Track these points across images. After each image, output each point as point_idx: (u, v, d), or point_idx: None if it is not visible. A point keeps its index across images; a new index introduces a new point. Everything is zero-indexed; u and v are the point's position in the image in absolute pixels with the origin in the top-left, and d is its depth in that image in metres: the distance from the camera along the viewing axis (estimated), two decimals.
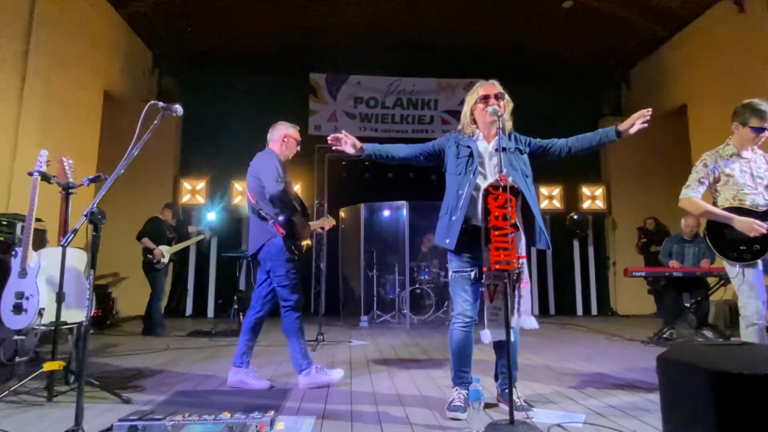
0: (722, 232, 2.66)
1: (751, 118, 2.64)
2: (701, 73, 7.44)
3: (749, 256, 2.56)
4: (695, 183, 2.77)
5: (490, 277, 2.20)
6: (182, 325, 6.28)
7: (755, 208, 2.62)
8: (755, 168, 2.69)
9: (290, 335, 2.94)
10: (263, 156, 3.15)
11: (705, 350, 1.09)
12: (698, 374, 0.93)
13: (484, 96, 2.44)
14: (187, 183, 7.91)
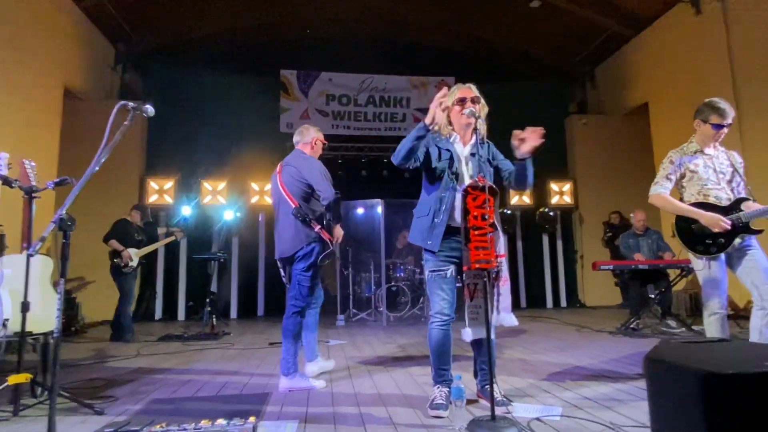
0: (690, 227, 2.78)
1: (712, 115, 2.75)
2: (662, 72, 7.73)
3: (715, 250, 2.69)
4: (663, 179, 2.87)
5: (471, 276, 2.23)
6: (152, 330, 6.11)
7: (719, 203, 2.74)
8: (718, 164, 2.81)
9: (288, 337, 2.95)
10: (306, 160, 3.15)
11: (690, 350, 1.14)
12: (687, 375, 0.97)
13: (461, 99, 2.48)
14: (154, 183, 7.66)
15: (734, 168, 2.82)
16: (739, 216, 2.65)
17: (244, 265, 7.97)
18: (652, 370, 1.11)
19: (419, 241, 2.47)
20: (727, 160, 2.84)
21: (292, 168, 3.10)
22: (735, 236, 2.67)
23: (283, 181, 3.10)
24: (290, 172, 3.09)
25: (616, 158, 8.85)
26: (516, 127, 8.02)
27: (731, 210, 2.70)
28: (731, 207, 2.73)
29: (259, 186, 7.98)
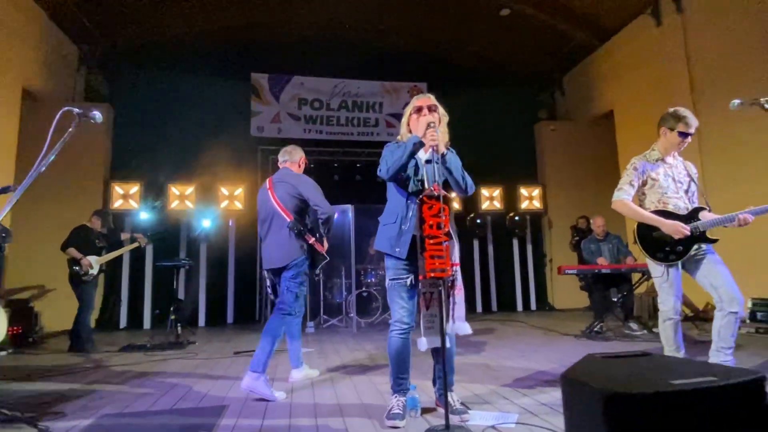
0: (651, 235, 2.84)
1: (679, 124, 2.84)
2: (625, 81, 7.97)
3: (674, 257, 2.78)
4: (627, 186, 2.92)
5: (426, 285, 2.24)
6: (115, 339, 5.93)
7: (677, 211, 2.82)
8: (676, 173, 2.90)
9: (268, 336, 3.00)
10: (301, 177, 3.39)
11: (607, 366, 1.16)
12: (593, 395, 0.98)
13: (419, 108, 2.49)
14: (119, 187, 7.45)
15: (691, 178, 2.92)
16: (696, 225, 2.74)
17: (213, 271, 7.82)
18: (566, 388, 1.13)
19: (386, 249, 2.46)
20: (684, 170, 2.93)
21: (287, 185, 3.31)
22: (693, 244, 2.76)
23: (277, 197, 3.29)
24: (285, 189, 3.30)
25: (583, 164, 9.07)
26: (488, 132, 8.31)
27: (690, 219, 2.79)
28: (689, 216, 2.81)
29: (229, 191, 7.87)
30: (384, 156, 2.48)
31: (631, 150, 8.28)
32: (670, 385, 0.96)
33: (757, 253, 5.63)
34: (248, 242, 8.03)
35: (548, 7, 7.99)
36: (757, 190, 5.69)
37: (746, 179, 5.70)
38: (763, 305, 4.91)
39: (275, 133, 8.70)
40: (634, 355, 1.25)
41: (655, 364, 1.15)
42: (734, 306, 2.66)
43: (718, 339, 2.71)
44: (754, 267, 5.67)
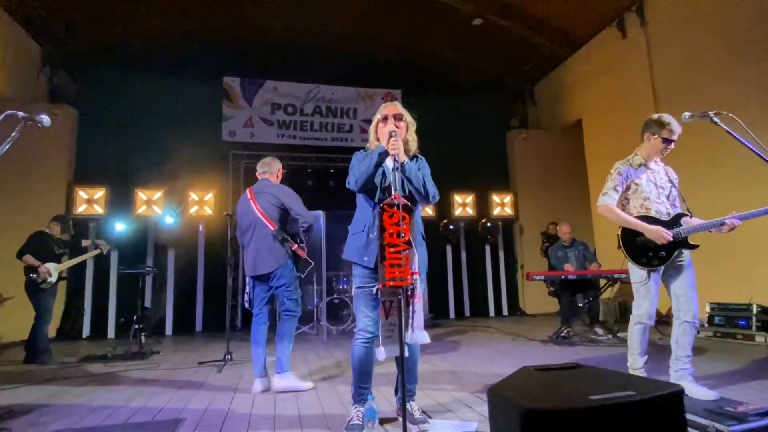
0: (635, 239, 2.86)
1: (663, 130, 2.91)
2: (593, 91, 8.19)
3: (656, 262, 2.81)
4: (611, 191, 2.94)
5: (386, 294, 2.23)
6: (76, 350, 5.72)
7: (660, 216, 2.86)
8: (658, 178, 2.95)
9: (283, 339, 3.36)
10: (282, 188, 3.58)
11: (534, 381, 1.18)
12: (513, 410, 0.99)
13: (385, 117, 2.49)
14: (83, 192, 7.22)
15: (672, 183, 2.98)
16: (679, 231, 2.78)
17: (182, 278, 7.64)
18: (491, 402, 1.13)
19: (355, 258, 2.45)
20: (666, 176, 2.99)
21: (269, 195, 3.50)
22: (675, 250, 2.80)
23: (260, 207, 3.48)
24: (267, 199, 3.49)
25: (553, 171, 9.26)
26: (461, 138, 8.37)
27: (672, 225, 2.83)
28: (672, 221, 2.85)
29: (199, 196, 7.71)
30: (352, 166, 2.47)
31: (599, 158, 8.53)
32: (588, 401, 0.97)
33: (715, 258, 5.83)
34: (218, 248, 7.88)
35: (519, 18, 8.16)
36: (719, 197, 5.89)
37: (710, 187, 5.91)
38: (721, 309, 5.08)
39: (247, 137, 8.60)
40: (566, 368, 1.26)
41: (581, 378, 1.17)
42: (689, 316, 2.73)
43: (676, 347, 2.78)
44: (712, 272, 5.87)
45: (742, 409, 2.17)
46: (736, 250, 5.56)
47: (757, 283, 5.22)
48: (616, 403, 0.95)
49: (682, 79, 6.40)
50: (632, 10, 7.15)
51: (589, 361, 4.03)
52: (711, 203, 5.86)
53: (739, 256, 5.51)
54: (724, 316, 5.00)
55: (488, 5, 7.98)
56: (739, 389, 2.91)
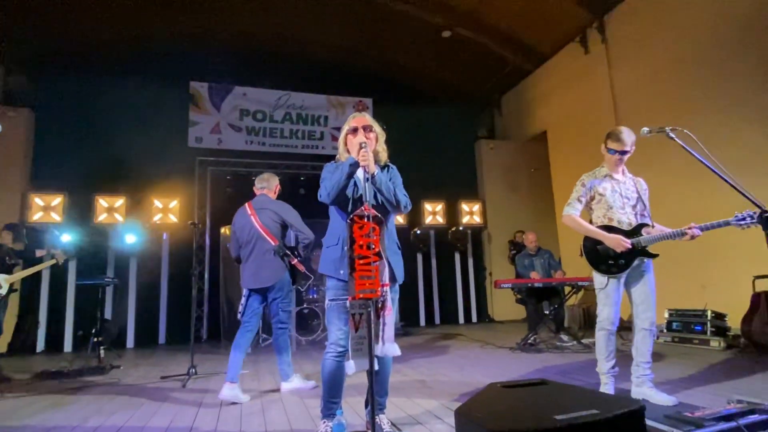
0: (595, 248, 2.98)
1: (610, 141, 3.05)
2: (557, 103, 8.46)
3: (615, 270, 2.92)
4: (575, 201, 3.06)
5: (355, 306, 2.21)
6: (30, 365, 5.40)
7: (621, 226, 2.97)
8: (624, 189, 3.07)
9: (281, 352, 3.61)
10: (283, 205, 3.76)
11: (501, 400, 1.19)
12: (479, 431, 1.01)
13: (354, 128, 2.48)
14: (39, 199, 6.88)
15: (639, 194, 3.08)
16: (638, 240, 2.89)
17: (144, 288, 7.37)
18: (457, 423, 1.15)
19: (331, 271, 2.40)
20: (633, 186, 3.11)
21: (270, 212, 3.68)
22: (634, 259, 2.90)
23: (261, 222, 3.64)
24: (269, 215, 3.67)
25: (519, 180, 9.48)
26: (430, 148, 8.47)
27: (633, 234, 2.94)
28: (633, 231, 2.96)
29: (163, 203, 7.49)
30: (323, 178, 2.45)
31: (563, 168, 8.77)
32: (553, 421, 1.00)
33: (673, 265, 6.09)
34: (183, 258, 7.65)
35: (487, 32, 8.36)
36: (678, 208, 6.17)
37: (667, 197, 6.17)
38: (678, 316, 5.30)
39: (215, 143, 8.42)
40: (533, 384, 1.29)
41: (546, 396, 1.19)
42: (647, 324, 2.84)
43: (636, 354, 2.88)
44: (670, 278, 6.12)
45: (699, 414, 2.26)
46: (690, 258, 5.82)
47: (710, 290, 5.47)
48: (581, 422, 0.97)
49: (640, 92, 6.69)
50: (593, 27, 7.45)
51: (556, 368, 4.12)
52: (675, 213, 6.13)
53: (693, 263, 5.78)
54: (681, 322, 5.21)
55: (457, 19, 8.15)
56: (696, 394, 3.04)
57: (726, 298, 5.17)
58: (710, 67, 5.68)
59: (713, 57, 5.64)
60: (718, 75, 5.58)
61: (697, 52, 5.84)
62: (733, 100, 5.37)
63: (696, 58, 5.86)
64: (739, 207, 3.42)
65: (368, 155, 2.30)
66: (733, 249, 5.26)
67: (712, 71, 5.65)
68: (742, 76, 5.31)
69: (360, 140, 2.38)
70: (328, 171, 2.47)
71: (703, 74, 5.76)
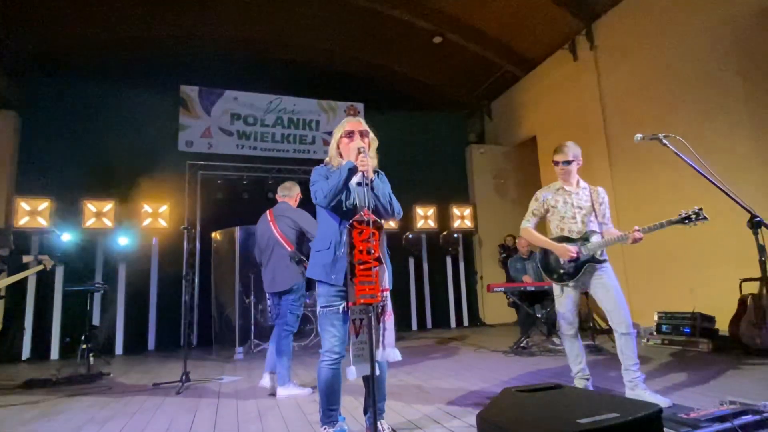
0: (548, 257, 3.16)
1: (555, 154, 3.21)
2: (546, 109, 8.56)
3: (567, 278, 3.06)
4: (530, 215, 3.24)
5: (356, 312, 2.22)
6: (16, 373, 5.30)
7: (571, 235, 3.10)
8: (577, 199, 3.17)
9: (282, 356, 3.65)
10: (301, 213, 3.92)
11: (520, 405, 1.20)
12: None
13: (350, 132, 2.48)
14: (25, 203, 6.74)
15: (593, 203, 3.16)
16: (586, 246, 3.00)
17: (133, 294, 7.26)
18: (482, 428, 1.16)
19: (322, 276, 2.38)
20: (588, 196, 3.18)
21: (289, 219, 3.85)
22: (583, 265, 3.02)
23: (279, 229, 3.82)
24: (287, 222, 3.84)
25: (510, 185, 9.57)
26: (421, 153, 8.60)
27: (582, 242, 3.07)
28: (581, 239, 3.08)
29: (153, 208, 7.40)
30: (315, 182, 2.44)
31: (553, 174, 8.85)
32: (577, 425, 1.01)
33: (662, 268, 6.20)
34: (173, 263, 7.58)
35: (477, 38, 8.45)
36: (663, 210, 6.27)
37: (653, 201, 6.28)
38: (668, 318, 5.38)
39: (205, 148, 8.36)
40: (547, 388, 1.30)
41: (564, 400, 1.21)
42: (623, 327, 2.92)
43: (623, 358, 2.95)
44: (659, 281, 6.23)
45: (694, 415, 2.30)
46: (679, 262, 5.93)
47: (698, 293, 5.57)
48: (606, 426, 0.99)
49: (628, 99, 6.81)
50: (582, 34, 7.57)
51: (549, 371, 4.16)
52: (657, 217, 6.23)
53: (682, 267, 5.88)
54: (671, 325, 5.29)
55: (448, 25, 8.23)
56: (688, 395, 3.09)
57: (714, 301, 5.27)
58: (698, 73, 5.81)
59: (701, 64, 5.77)
60: (705, 82, 5.71)
61: (685, 59, 5.97)
62: (721, 107, 5.49)
63: (684, 65, 5.99)
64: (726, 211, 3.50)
65: (367, 161, 2.31)
66: (720, 253, 5.38)
67: (700, 78, 5.78)
68: (729, 82, 5.43)
69: (358, 145, 2.39)
70: (320, 174, 2.47)
71: (691, 81, 5.89)
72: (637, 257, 6.63)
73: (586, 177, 3.45)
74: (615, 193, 6.94)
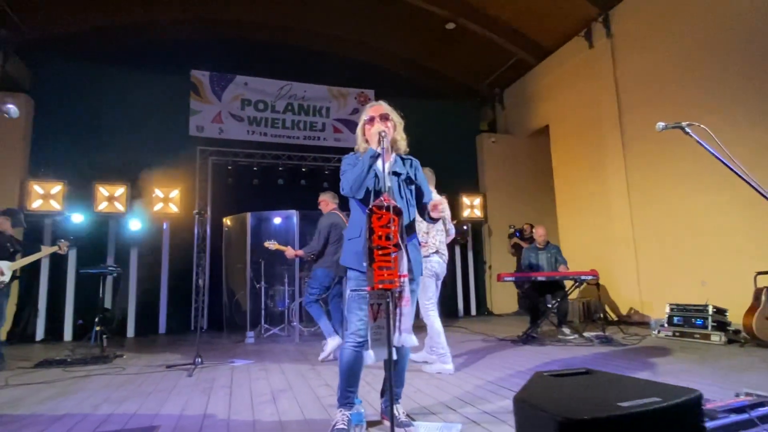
0: None
1: None
2: (560, 98, 8.45)
3: None
4: None
5: (374, 297, 2.21)
6: (30, 354, 5.39)
7: None
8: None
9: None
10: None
11: (556, 387, 1.19)
12: (547, 420, 1.01)
13: (371, 117, 2.46)
14: (38, 186, 6.80)
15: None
16: None
17: (145, 277, 7.33)
18: (519, 411, 1.15)
19: (355, 264, 2.37)
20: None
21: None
22: None
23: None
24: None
25: (520, 174, 9.50)
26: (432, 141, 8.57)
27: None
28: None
29: (164, 192, 7.44)
30: (343, 171, 2.43)
31: (565, 163, 8.78)
32: (618, 408, 1.00)
33: (672, 260, 6.15)
34: (184, 247, 7.63)
35: (491, 25, 8.32)
36: (680, 202, 6.21)
37: (669, 192, 6.22)
38: (679, 310, 5.34)
39: (216, 133, 8.36)
40: (578, 373, 1.29)
41: (599, 384, 1.19)
42: None
43: None
44: (670, 273, 6.18)
45: (710, 406, 2.28)
46: (690, 254, 5.87)
47: (711, 286, 5.53)
48: (648, 409, 0.98)
49: (645, 88, 6.70)
50: (599, 21, 7.43)
51: (561, 361, 4.15)
52: (677, 211, 6.17)
53: (693, 259, 5.83)
54: (682, 317, 5.26)
55: (462, 11, 8.10)
56: (702, 387, 3.05)
57: (726, 293, 5.22)
58: (717, 62, 5.69)
59: (720, 52, 5.64)
60: (724, 71, 5.59)
61: (704, 47, 5.84)
62: (739, 98, 5.38)
63: (702, 53, 5.87)
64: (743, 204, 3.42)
65: (386, 144, 2.28)
66: (734, 245, 5.32)
67: (719, 67, 5.66)
68: (749, 72, 5.32)
69: (378, 129, 2.36)
70: (348, 163, 2.46)
71: (710, 70, 5.77)
72: (647, 250, 6.57)
73: (599, 168, 3.41)
74: (629, 184, 6.86)
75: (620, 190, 6.96)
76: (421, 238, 4.10)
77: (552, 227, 8.18)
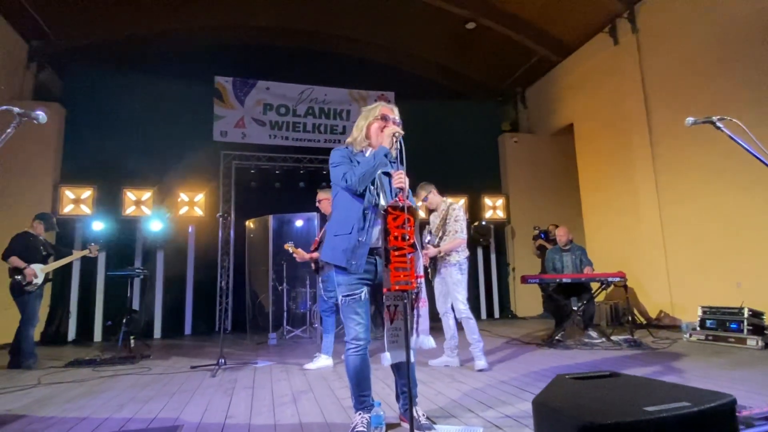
0: None
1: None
2: (584, 96, 8.26)
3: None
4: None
5: (390, 298, 2.19)
6: (62, 354, 5.56)
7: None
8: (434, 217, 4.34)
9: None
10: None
11: (578, 390, 1.14)
12: (566, 424, 0.96)
13: (384, 116, 2.43)
14: (69, 191, 7.05)
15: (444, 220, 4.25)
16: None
17: (171, 280, 7.50)
18: (538, 414, 1.10)
19: (340, 261, 2.30)
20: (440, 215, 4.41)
21: None
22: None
23: None
24: None
25: (544, 174, 9.32)
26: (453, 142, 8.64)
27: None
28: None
29: (189, 196, 7.59)
30: (339, 164, 2.38)
31: (590, 162, 8.58)
32: (644, 413, 0.95)
33: (704, 262, 5.92)
34: (209, 250, 7.77)
35: (511, 23, 8.21)
36: (711, 200, 5.98)
37: (699, 190, 5.99)
38: (713, 313, 5.13)
39: (239, 138, 8.50)
40: (603, 376, 1.24)
41: (624, 388, 1.14)
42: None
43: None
44: (702, 275, 5.96)
45: (746, 413, 2.17)
46: (723, 255, 5.64)
47: (747, 288, 5.29)
48: (674, 414, 0.93)
49: (672, 84, 6.49)
50: (624, 17, 7.24)
51: (587, 365, 4.03)
52: (707, 210, 5.95)
53: (726, 260, 5.60)
54: (716, 320, 5.05)
55: (482, 10, 8.02)
56: (738, 393, 2.92)
57: (763, 295, 4.99)
58: (746, 58, 5.46)
59: (749, 48, 5.42)
60: (754, 67, 5.36)
61: (733, 43, 5.62)
62: None
63: (731, 48, 5.65)
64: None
65: (403, 177, 2.24)
66: None
67: (748, 63, 5.43)
68: None
69: (394, 130, 2.34)
70: (342, 156, 2.41)
71: (739, 66, 5.54)
72: (677, 251, 6.35)
73: (626, 167, 3.30)
74: (657, 183, 6.64)
75: (648, 189, 6.74)
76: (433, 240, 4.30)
77: (578, 228, 8.00)
